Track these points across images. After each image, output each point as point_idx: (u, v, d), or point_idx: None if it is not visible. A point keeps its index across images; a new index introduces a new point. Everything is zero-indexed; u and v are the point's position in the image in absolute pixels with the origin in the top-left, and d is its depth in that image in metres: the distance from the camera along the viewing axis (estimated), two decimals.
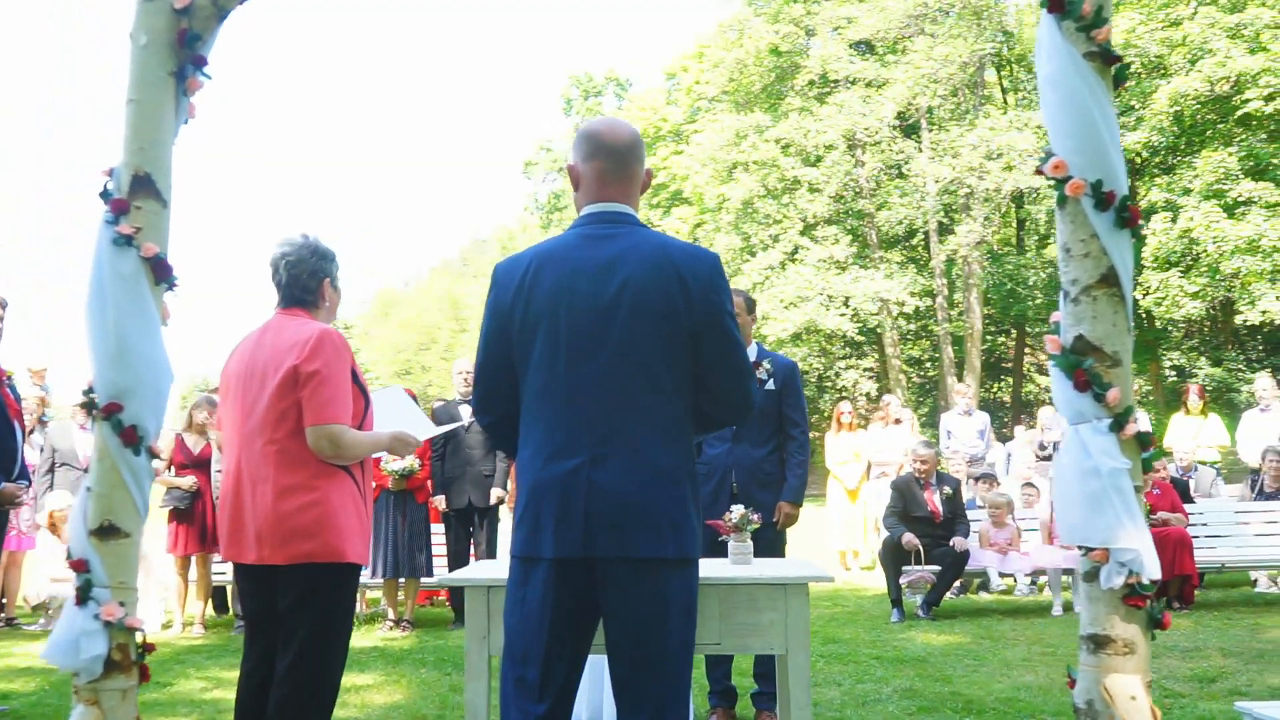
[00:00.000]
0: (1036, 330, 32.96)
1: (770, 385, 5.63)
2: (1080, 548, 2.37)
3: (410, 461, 8.57)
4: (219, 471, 8.77)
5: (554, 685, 2.96)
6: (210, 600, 9.46)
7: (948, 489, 8.78)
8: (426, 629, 8.83)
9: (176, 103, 2.62)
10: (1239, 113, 23.54)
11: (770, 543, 5.41)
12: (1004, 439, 18.06)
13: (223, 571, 9.55)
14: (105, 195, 2.56)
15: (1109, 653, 2.31)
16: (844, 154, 29.09)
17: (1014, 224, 32.14)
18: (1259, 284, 23.00)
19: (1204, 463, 11.04)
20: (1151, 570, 2.21)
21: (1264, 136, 24.20)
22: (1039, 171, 2.39)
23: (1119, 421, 2.27)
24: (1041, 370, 35.68)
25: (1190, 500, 9.47)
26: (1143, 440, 2.29)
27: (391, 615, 8.83)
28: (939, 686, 6.22)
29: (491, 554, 8.85)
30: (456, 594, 8.93)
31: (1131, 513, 2.25)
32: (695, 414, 3.06)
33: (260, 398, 3.77)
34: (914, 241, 31.99)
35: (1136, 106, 25.21)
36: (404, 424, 4.22)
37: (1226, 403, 26.61)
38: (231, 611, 9.55)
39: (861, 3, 30.12)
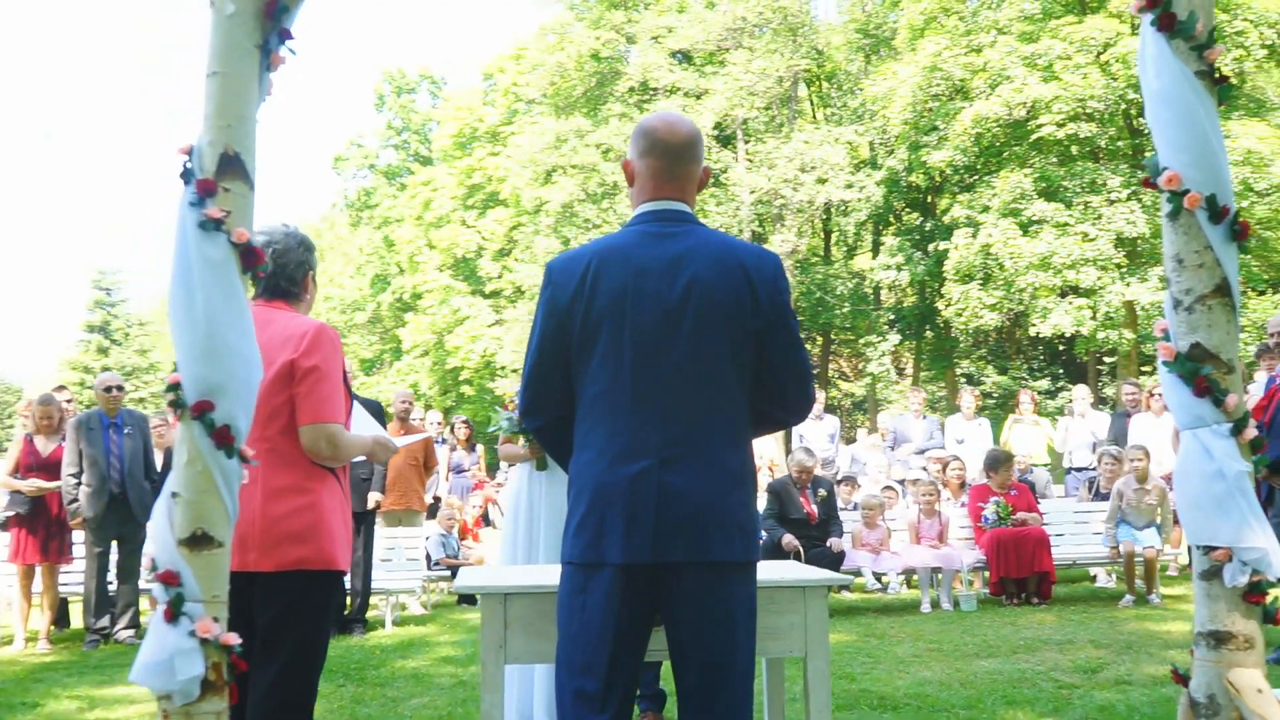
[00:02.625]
0: (842, 338, 34.24)
1: None
2: (1201, 547, 2.49)
3: None
4: (74, 477, 8.22)
5: (616, 696, 2.88)
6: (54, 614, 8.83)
7: (823, 491, 9.03)
8: None
9: (260, 78, 2.45)
10: (1034, 136, 25.00)
11: None
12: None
13: (67, 583, 8.95)
14: (188, 175, 2.36)
15: (1230, 648, 2.42)
16: None
17: (822, 235, 33.23)
18: (1049, 299, 24.50)
19: (1037, 465, 11.72)
20: (1277, 568, 2.34)
21: (1055, 160, 25.79)
22: (1147, 183, 2.50)
23: (1238, 426, 2.39)
24: (844, 376, 37.07)
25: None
26: (1254, 444, 2.43)
27: None
28: (846, 684, 6.37)
29: (368, 560, 8.59)
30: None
31: (1256, 513, 2.38)
32: (754, 414, 3.04)
33: None
34: None
35: (941, 127, 26.48)
36: (368, 430, 4.05)
37: (1011, 409, 28.26)
38: (84, 625, 8.90)
39: (681, 13, 30.64)
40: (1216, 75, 2.42)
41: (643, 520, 2.82)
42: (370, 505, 8.35)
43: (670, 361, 2.87)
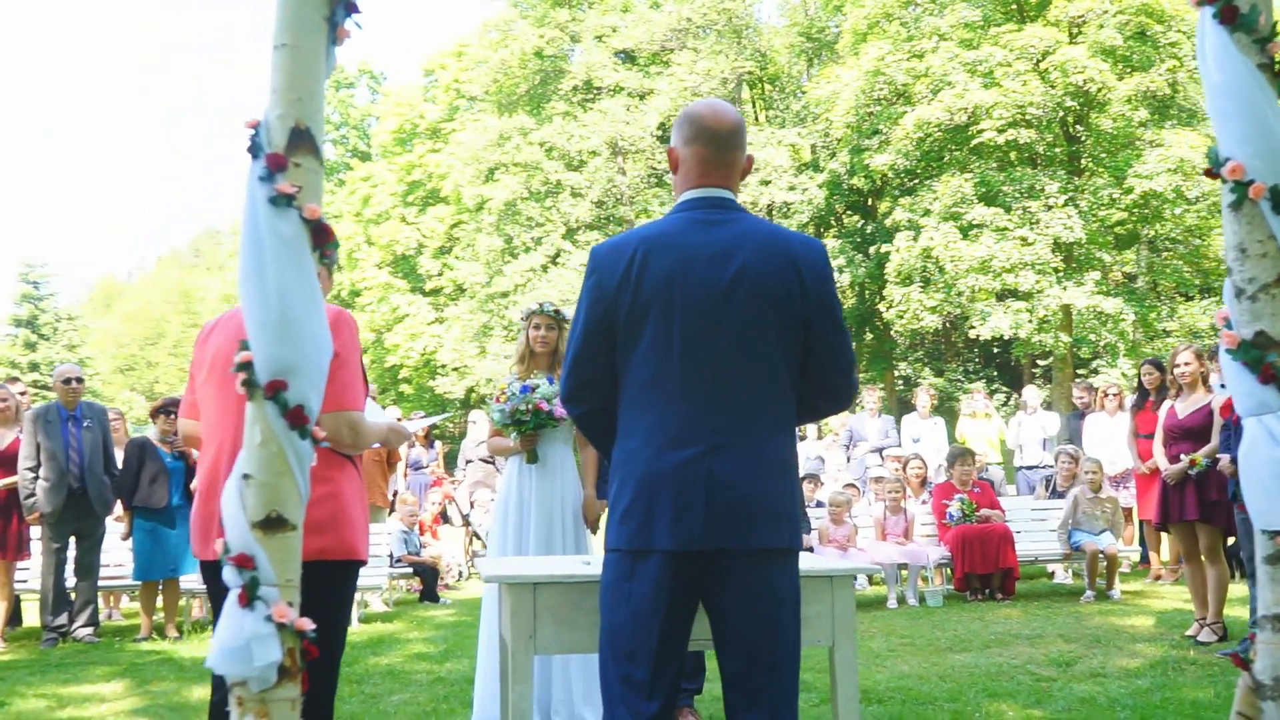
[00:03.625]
0: None
1: None
2: (1266, 532, 2.53)
3: None
4: (32, 470, 8.00)
5: (664, 682, 2.87)
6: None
7: None
8: None
9: (327, 51, 2.39)
10: (974, 142, 25.37)
11: None
12: None
13: (24, 579, 8.72)
14: (256, 150, 2.30)
15: None
16: (607, 160, 29.48)
17: None
18: (988, 302, 24.89)
19: (990, 463, 11.90)
20: None
21: (994, 165, 26.20)
22: (1210, 173, 2.54)
23: None
24: None
25: None
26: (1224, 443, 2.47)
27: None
28: (825, 679, 6.37)
29: None
30: None
31: None
32: (797, 403, 3.04)
33: None
34: None
35: (883, 131, 26.78)
36: (378, 418, 3.99)
37: (948, 410, 28.66)
38: (41, 623, 8.64)
39: (626, 13, 30.66)
40: (1278, 68, 2.47)
41: (692, 507, 2.81)
42: None
43: (718, 349, 2.85)
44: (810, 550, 8.99)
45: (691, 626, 2.91)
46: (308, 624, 2.24)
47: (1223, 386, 8.88)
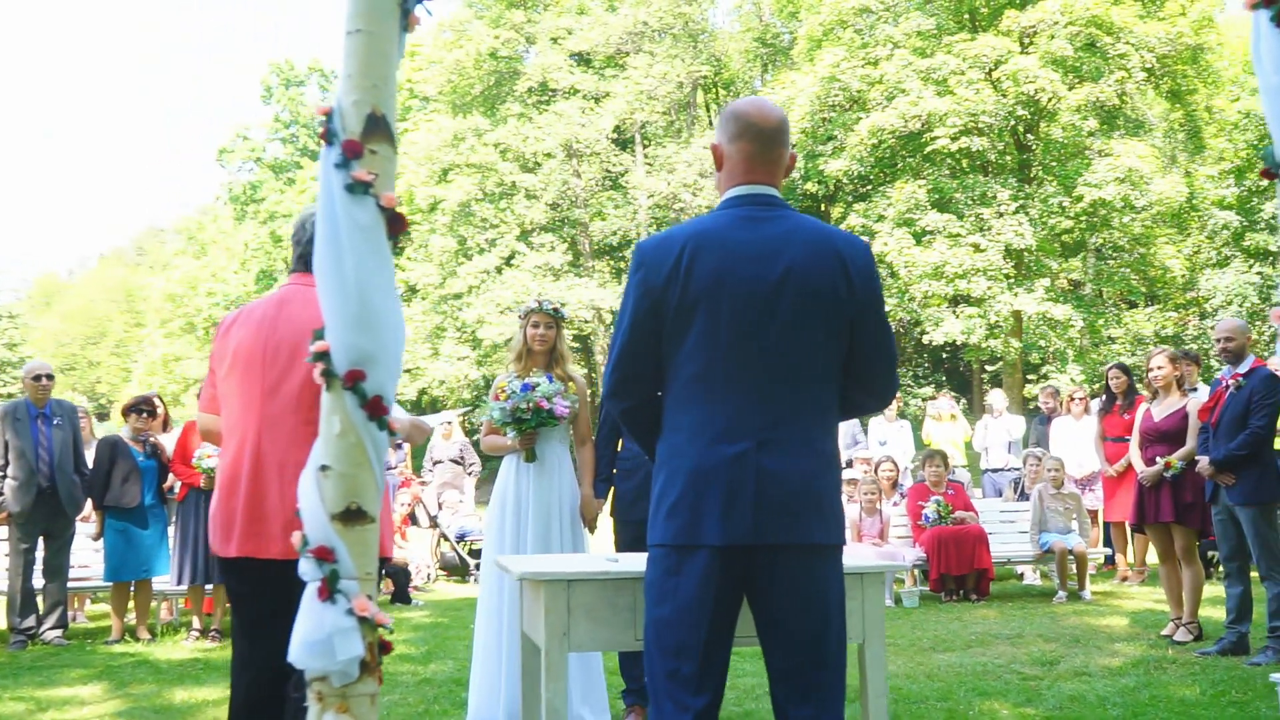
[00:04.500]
0: None
1: None
2: None
3: None
4: None
5: (712, 677, 2.88)
6: None
7: None
8: None
9: (399, 37, 2.36)
10: (928, 149, 25.64)
11: None
12: None
13: None
14: (331, 136, 2.27)
15: None
16: (562, 162, 29.42)
17: None
18: (941, 307, 25.17)
19: (958, 466, 12.02)
20: None
21: (947, 172, 26.50)
22: (1266, 174, 2.57)
23: None
24: None
25: None
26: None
27: (197, 624, 8.14)
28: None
29: None
30: None
31: None
32: (840, 399, 3.05)
33: (290, 374, 3.44)
34: (626, 252, 32.73)
35: (839, 136, 26.97)
36: (398, 414, 3.95)
37: (899, 413, 28.95)
38: (8, 625, 8.42)
39: (582, 15, 30.63)
40: None
41: (741, 502, 2.81)
42: None
43: (767, 345, 2.87)
44: None
45: (737, 620, 2.91)
46: (386, 618, 2.21)
47: (1194, 390, 9.06)
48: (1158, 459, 7.36)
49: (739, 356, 2.87)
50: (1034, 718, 5.46)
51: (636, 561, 3.73)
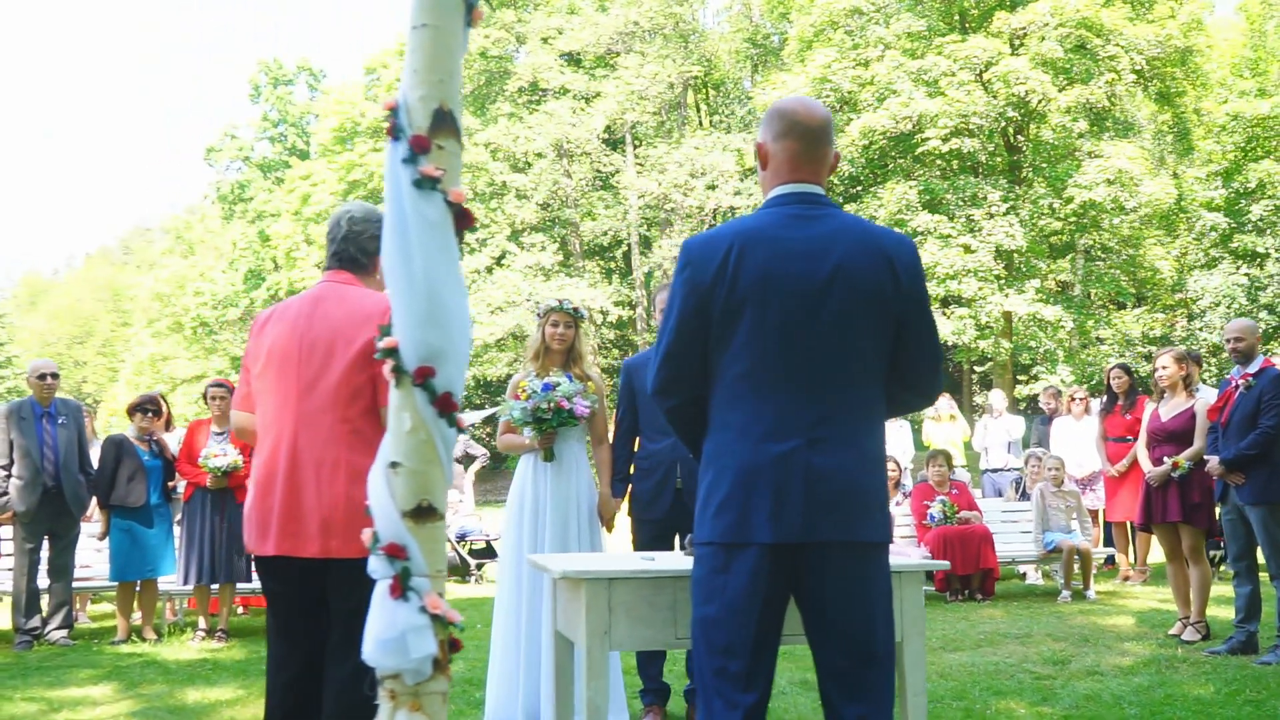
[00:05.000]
0: None
1: None
2: None
3: (234, 458, 7.91)
4: (4, 468, 7.75)
5: (761, 674, 2.88)
6: None
7: None
8: (245, 638, 8.16)
9: (463, 33, 2.35)
10: (919, 150, 25.73)
11: None
12: None
13: None
14: (398, 132, 2.26)
15: None
16: (553, 162, 29.41)
17: None
18: (933, 308, 25.21)
19: (957, 466, 12.05)
20: None
21: (938, 173, 26.59)
22: None
23: None
24: None
25: None
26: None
27: (203, 625, 8.09)
28: None
29: None
30: None
31: None
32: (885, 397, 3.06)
33: (327, 372, 3.43)
34: (616, 253, 32.75)
35: None
36: None
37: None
38: (13, 625, 8.35)
39: (572, 15, 30.61)
40: None
41: (791, 500, 2.81)
42: None
43: (815, 343, 2.87)
44: None
45: (784, 619, 2.91)
46: (456, 616, 2.20)
47: (1196, 390, 9.08)
48: (1165, 459, 7.39)
49: (787, 354, 2.87)
50: (1051, 716, 5.47)
51: (674, 560, 3.74)
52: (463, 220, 2.29)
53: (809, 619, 2.91)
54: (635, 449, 5.79)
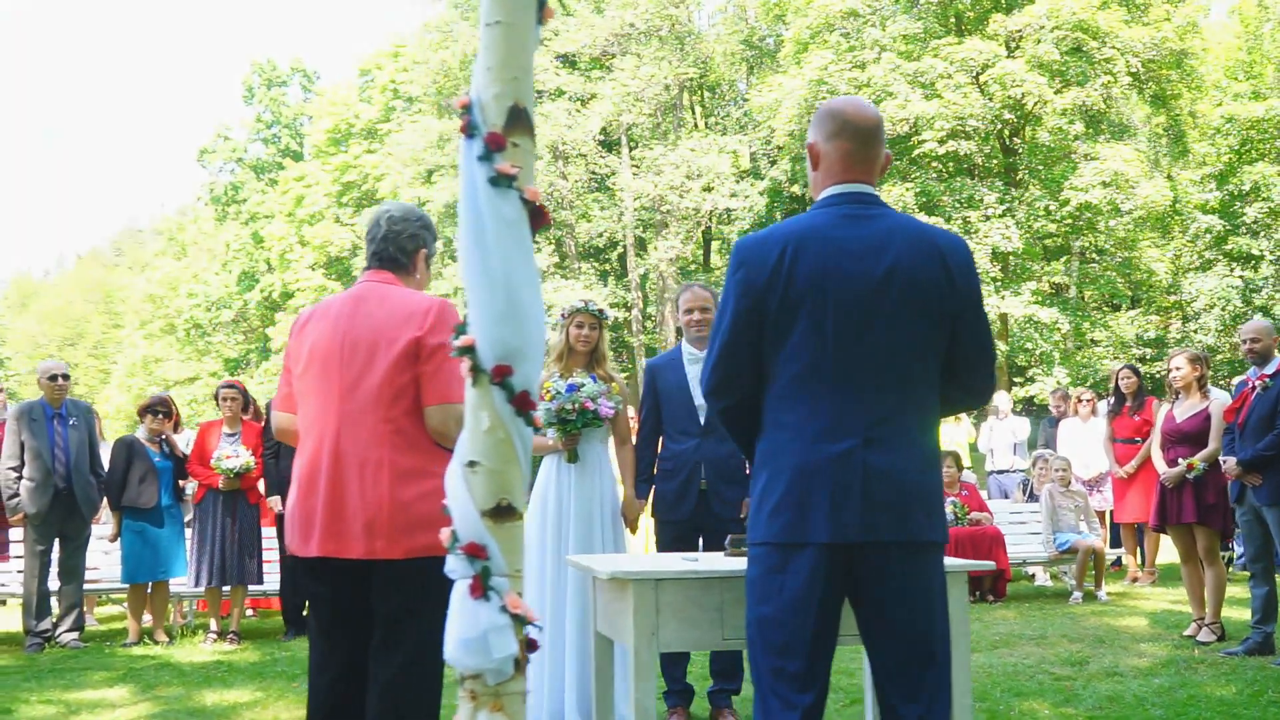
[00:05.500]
0: None
1: None
2: None
3: (246, 459, 7.89)
4: (15, 470, 7.70)
5: (818, 674, 2.88)
6: None
7: None
8: (257, 640, 8.12)
9: (535, 30, 2.34)
10: (916, 152, 25.73)
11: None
12: None
13: (1, 583, 8.41)
14: (473, 129, 2.24)
15: None
16: (548, 164, 29.35)
17: (702, 243, 33.56)
18: None
19: (965, 467, 12.07)
20: None
21: (934, 176, 26.60)
22: None
23: None
24: None
25: None
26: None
27: (214, 627, 8.06)
28: (846, 679, 6.40)
29: None
30: (288, 603, 8.28)
31: None
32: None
33: (369, 372, 3.41)
34: (612, 255, 32.71)
35: None
36: None
37: None
38: (24, 627, 8.29)
39: (568, 17, 30.58)
40: None
41: (849, 500, 2.81)
42: None
43: (871, 342, 2.87)
44: None
45: (840, 619, 2.91)
46: (536, 615, 2.18)
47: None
48: (1180, 460, 7.40)
49: (843, 354, 2.86)
50: (1076, 718, 5.47)
51: (717, 561, 3.73)
52: (537, 218, 2.28)
53: (866, 619, 2.90)
54: (659, 450, 5.78)
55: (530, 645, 2.20)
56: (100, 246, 63.49)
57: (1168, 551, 10.77)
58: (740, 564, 3.57)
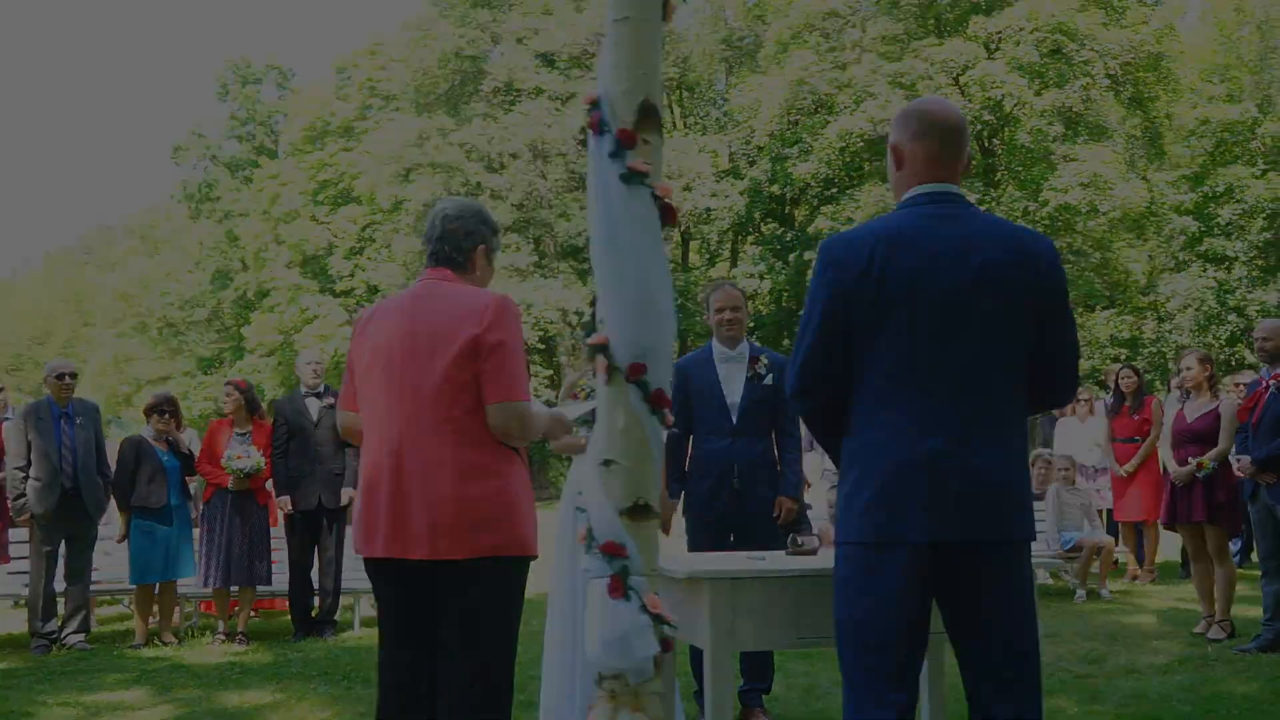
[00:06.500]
0: (699, 344, 34.58)
1: (769, 380, 5.61)
2: None
3: (257, 460, 7.81)
4: (21, 470, 7.59)
5: (911, 672, 2.90)
6: None
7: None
8: (267, 641, 8.04)
9: (660, 26, 2.33)
10: None
11: (772, 537, 5.39)
12: None
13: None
14: (603, 126, 2.22)
15: None
16: (528, 163, 29.26)
17: (681, 242, 33.56)
18: None
19: None
20: None
21: None
22: None
23: None
24: None
25: None
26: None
27: (223, 628, 7.97)
28: None
29: (339, 558, 8.22)
30: (297, 604, 8.21)
31: None
32: None
33: (430, 370, 3.37)
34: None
35: (807, 139, 27.10)
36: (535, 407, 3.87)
37: None
38: (30, 629, 8.15)
39: (548, 15, 30.50)
40: None
41: (944, 499, 2.83)
42: (344, 501, 7.91)
43: (963, 342, 2.88)
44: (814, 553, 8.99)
45: (930, 616, 2.92)
46: (671, 615, 2.17)
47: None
48: (1190, 459, 7.46)
49: (935, 355, 2.87)
50: (1104, 715, 5.51)
51: (782, 560, 3.72)
52: (667, 215, 2.27)
53: (959, 617, 2.91)
54: (689, 449, 5.76)
55: (665, 645, 2.19)
56: (70, 244, 62.84)
57: (1165, 550, 10.89)
58: (805, 563, 3.57)
